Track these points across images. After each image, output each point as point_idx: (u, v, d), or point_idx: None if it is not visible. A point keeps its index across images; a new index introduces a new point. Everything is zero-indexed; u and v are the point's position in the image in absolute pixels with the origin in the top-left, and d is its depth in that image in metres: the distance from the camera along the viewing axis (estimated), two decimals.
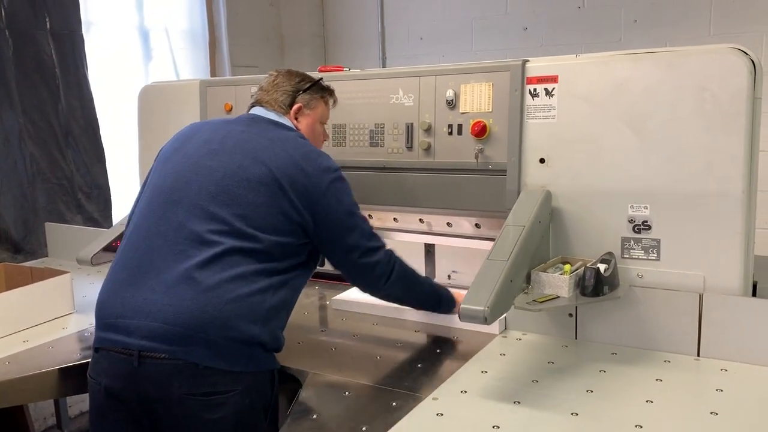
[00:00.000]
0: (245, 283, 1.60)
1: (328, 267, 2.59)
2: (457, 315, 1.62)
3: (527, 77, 1.96)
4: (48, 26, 3.43)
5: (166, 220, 1.67)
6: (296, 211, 1.70)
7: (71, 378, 1.88)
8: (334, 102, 2.07)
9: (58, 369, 1.87)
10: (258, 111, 1.92)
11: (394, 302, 2.02)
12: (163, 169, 1.80)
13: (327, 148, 2.33)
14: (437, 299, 2.01)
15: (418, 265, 2.43)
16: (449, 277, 2.39)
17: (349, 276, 1.92)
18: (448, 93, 2.09)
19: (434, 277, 2.43)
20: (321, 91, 2.00)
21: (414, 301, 2.03)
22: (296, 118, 1.93)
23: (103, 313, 1.65)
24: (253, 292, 1.60)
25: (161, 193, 1.73)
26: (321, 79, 2.01)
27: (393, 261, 1.88)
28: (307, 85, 1.96)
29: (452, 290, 2.06)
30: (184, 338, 1.54)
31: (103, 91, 3.82)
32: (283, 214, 1.68)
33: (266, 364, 1.66)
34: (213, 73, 4.71)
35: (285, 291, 1.68)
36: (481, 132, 2.02)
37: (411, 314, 2.15)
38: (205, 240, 1.62)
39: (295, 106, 1.92)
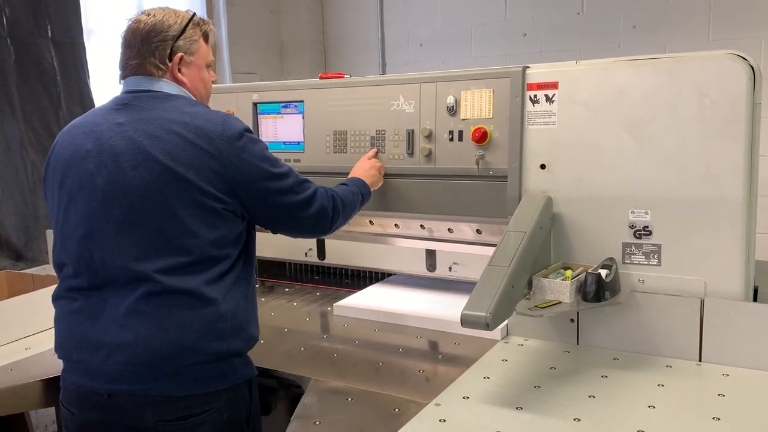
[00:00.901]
0: (195, 303, 1.52)
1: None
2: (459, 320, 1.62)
3: (528, 83, 1.97)
4: (49, 34, 3.45)
5: (89, 259, 1.56)
6: (215, 199, 1.54)
7: None
8: (213, 34, 1.78)
9: (60, 376, 1.86)
10: (132, 84, 1.65)
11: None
12: (60, 198, 1.62)
13: (327, 155, 2.34)
14: (361, 200, 2.00)
15: (419, 271, 2.46)
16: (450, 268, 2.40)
17: (298, 231, 1.82)
18: (448, 99, 2.10)
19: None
20: (196, 27, 1.70)
21: (349, 218, 1.96)
22: (179, 71, 1.67)
23: (64, 352, 1.62)
24: (205, 309, 1.53)
25: (71, 229, 1.59)
26: (194, 14, 1.72)
27: (331, 199, 1.80)
28: (183, 27, 1.65)
29: (358, 170, 2.12)
30: (151, 374, 1.51)
31: (104, 99, 3.79)
32: (201, 208, 1.53)
33: (243, 373, 1.63)
34: None
35: (237, 290, 1.60)
36: (481, 138, 2.03)
37: (413, 320, 2.16)
38: (135, 272, 1.51)
39: (176, 58, 1.65)
